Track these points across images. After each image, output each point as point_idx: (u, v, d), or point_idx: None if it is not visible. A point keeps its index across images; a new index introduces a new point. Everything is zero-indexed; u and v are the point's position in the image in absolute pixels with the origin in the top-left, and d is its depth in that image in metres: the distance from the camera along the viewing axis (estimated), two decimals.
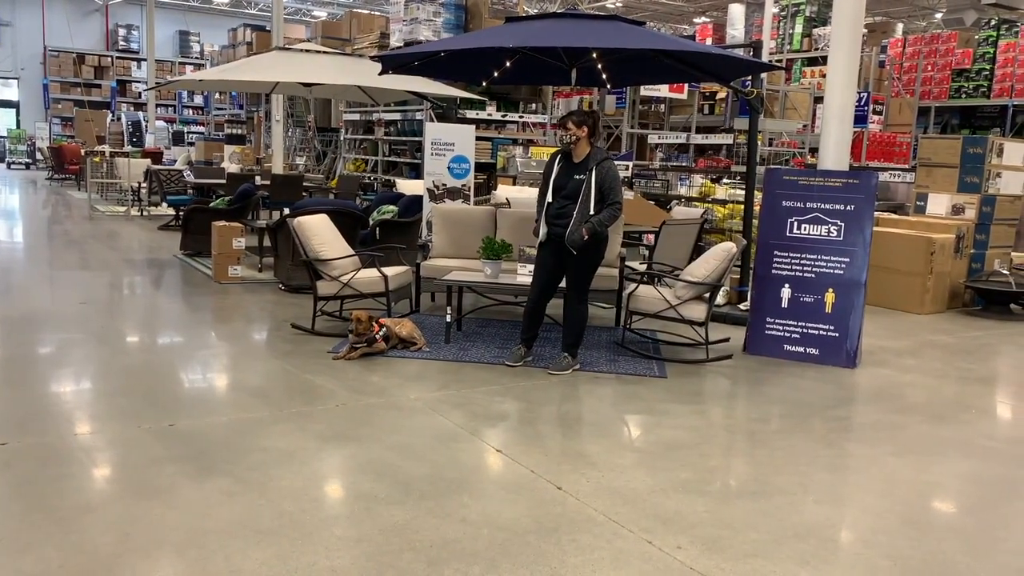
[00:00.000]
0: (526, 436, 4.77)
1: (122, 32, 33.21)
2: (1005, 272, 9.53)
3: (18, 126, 31.80)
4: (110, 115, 28.82)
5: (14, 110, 32.37)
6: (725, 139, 12.11)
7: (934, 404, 5.81)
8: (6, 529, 3.37)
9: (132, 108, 30.95)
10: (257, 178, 13.85)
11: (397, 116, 15.05)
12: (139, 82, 32.24)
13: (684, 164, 12.58)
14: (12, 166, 29.59)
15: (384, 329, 6.29)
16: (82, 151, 22.51)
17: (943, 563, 3.45)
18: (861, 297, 6.66)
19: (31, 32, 31.61)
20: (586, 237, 5.77)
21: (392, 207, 9.61)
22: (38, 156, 29.65)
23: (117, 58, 32.82)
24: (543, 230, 6.05)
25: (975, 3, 17.39)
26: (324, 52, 10.96)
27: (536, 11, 23.71)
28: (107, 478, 3.95)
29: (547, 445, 4.63)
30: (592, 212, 5.80)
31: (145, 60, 28.49)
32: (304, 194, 13.24)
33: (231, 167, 17.34)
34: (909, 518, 3.88)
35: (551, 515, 3.70)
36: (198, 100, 32.33)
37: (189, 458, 4.18)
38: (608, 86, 9.24)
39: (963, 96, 17.10)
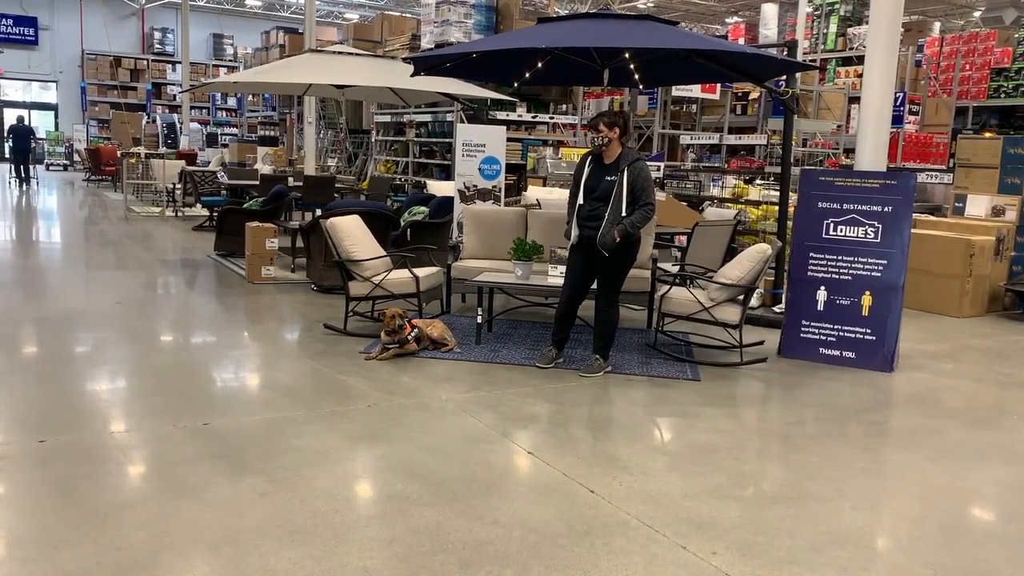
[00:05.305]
0: (557, 438, 4.74)
1: (157, 35, 33.76)
2: None
3: (56, 128, 32.39)
4: (145, 117, 29.26)
5: (52, 112, 32.99)
6: (758, 139, 11.98)
7: (973, 409, 5.70)
8: (44, 525, 3.42)
9: (167, 110, 31.43)
10: (289, 179, 13.97)
11: (428, 117, 15.10)
12: (174, 84, 32.71)
13: (716, 165, 12.46)
14: (50, 168, 30.14)
15: (416, 330, 6.30)
16: (118, 153, 22.85)
17: (984, 572, 3.37)
18: (899, 300, 6.55)
19: (69, 36, 32.23)
20: (618, 239, 5.72)
21: (423, 208, 9.64)
22: (75, 158, 30.18)
23: (152, 61, 33.37)
24: (574, 232, 6.02)
25: (1014, 1, 17.07)
26: (356, 54, 11.02)
27: (567, 12, 23.66)
28: (142, 476, 3.99)
29: (579, 448, 4.60)
30: (624, 213, 5.75)
31: (180, 63, 28.86)
32: (336, 195, 13.32)
33: (264, 168, 17.49)
34: (948, 525, 3.80)
35: (583, 518, 3.68)
36: (231, 102, 32.72)
37: (223, 456, 4.21)
38: (640, 87, 9.19)
39: (1002, 96, 16.78)
